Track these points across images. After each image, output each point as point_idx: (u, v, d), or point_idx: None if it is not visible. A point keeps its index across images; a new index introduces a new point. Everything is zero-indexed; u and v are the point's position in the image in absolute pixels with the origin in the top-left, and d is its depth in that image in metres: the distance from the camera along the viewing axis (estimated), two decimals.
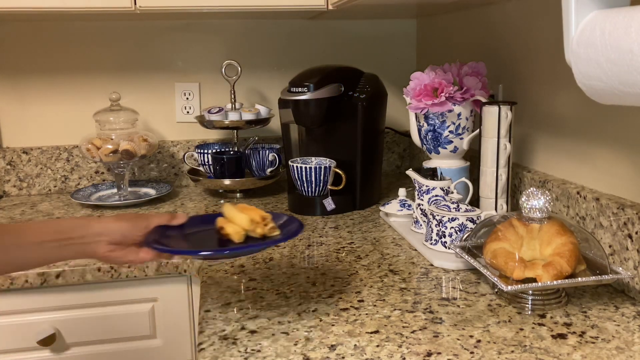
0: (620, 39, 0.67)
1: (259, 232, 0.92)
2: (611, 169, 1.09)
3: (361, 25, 2.03)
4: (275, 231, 0.93)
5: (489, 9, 1.54)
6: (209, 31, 1.95)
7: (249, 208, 0.94)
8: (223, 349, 0.86)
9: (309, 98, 1.52)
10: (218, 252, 0.89)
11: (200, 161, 1.80)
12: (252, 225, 0.91)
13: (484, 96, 1.36)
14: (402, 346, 0.86)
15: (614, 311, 0.96)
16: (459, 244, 1.11)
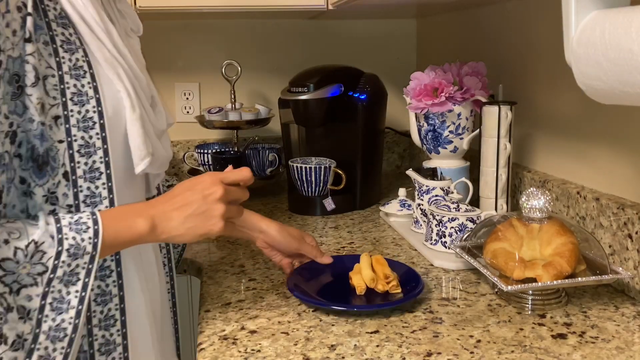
0: (620, 38, 0.67)
1: (380, 289, 1.01)
2: (611, 169, 1.09)
3: (361, 25, 2.03)
4: (397, 289, 1.01)
5: (489, 8, 1.54)
6: (209, 31, 1.95)
7: (380, 262, 1.06)
8: (223, 349, 0.86)
9: (309, 98, 1.52)
10: (349, 308, 0.97)
11: (200, 161, 1.80)
12: (373, 283, 1.02)
13: (484, 96, 1.36)
14: (402, 346, 0.86)
15: (614, 311, 0.96)
16: (459, 244, 1.11)
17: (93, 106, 0.78)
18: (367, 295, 1.02)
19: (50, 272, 0.71)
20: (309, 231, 1.42)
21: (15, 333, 0.68)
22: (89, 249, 0.73)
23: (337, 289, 1.05)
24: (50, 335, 0.71)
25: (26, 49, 0.72)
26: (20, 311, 0.69)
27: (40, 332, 0.70)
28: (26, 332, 0.69)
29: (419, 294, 0.99)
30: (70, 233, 0.73)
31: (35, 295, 0.70)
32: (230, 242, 1.36)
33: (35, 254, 0.70)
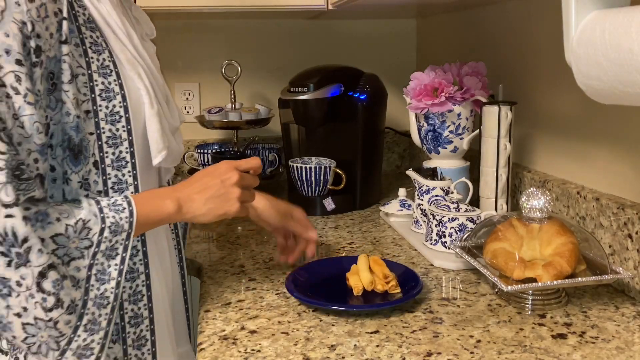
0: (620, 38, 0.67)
1: (379, 289, 1.02)
2: (611, 169, 1.09)
3: (361, 25, 2.03)
4: (396, 289, 1.01)
5: (490, 8, 1.54)
6: (209, 31, 1.95)
7: (379, 263, 1.06)
8: (223, 349, 0.86)
9: (309, 98, 1.52)
10: (348, 308, 0.98)
11: (200, 161, 1.80)
12: (371, 285, 1.02)
13: (484, 96, 1.36)
14: (402, 346, 0.86)
15: (614, 311, 0.96)
16: (459, 244, 1.11)
17: (119, 101, 0.86)
18: (366, 295, 1.02)
19: (95, 246, 0.80)
20: None
21: (70, 298, 0.77)
22: (126, 227, 0.82)
23: (337, 289, 1.05)
24: (96, 302, 0.80)
25: (62, 50, 0.80)
26: (72, 280, 0.77)
27: (88, 299, 0.79)
28: (77, 298, 0.78)
29: (418, 293, 0.99)
30: (110, 212, 0.82)
31: (83, 266, 0.79)
32: (230, 242, 1.36)
33: (82, 230, 0.79)
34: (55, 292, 0.75)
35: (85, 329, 0.79)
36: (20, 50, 0.75)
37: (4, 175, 0.72)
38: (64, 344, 0.77)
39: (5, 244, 0.72)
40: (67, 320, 0.77)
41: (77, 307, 0.78)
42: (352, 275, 1.05)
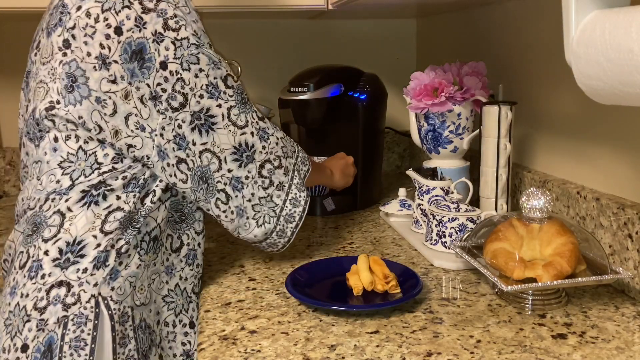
0: (621, 38, 0.67)
1: (379, 289, 1.02)
2: (611, 169, 1.09)
3: (361, 25, 2.03)
4: (396, 289, 1.02)
5: (489, 9, 1.54)
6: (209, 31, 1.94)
7: (378, 263, 1.07)
8: (223, 349, 0.86)
9: (309, 98, 1.52)
10: (348, 308, 0.98)
11: None
12: (371, 286, 1.03)
13: (484, 96, 1.36)
14: (402, 346, 0.86)
15: (614, 311, 0.96)
16: (459, 244, 1.11)
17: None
18: (366, 295, 1.02)
19: (296, 152, 1.14)
20: (308, 231, 1.42)
21: (278, 180, 1.07)
22: (306, 162, 1.16)
23: (336, 289, 1.05)
24: (298, 186, 1.11)
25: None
26: (286, 169, 1.09)
27: (292, 184, 1.10)
28: (285, 181, 1.09)
29: (418, 293, 0.99)
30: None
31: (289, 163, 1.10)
32: (230, 242, 1.36)
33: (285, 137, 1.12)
34: (269, 176, 1.05)
35: (290, 203, 1.08)
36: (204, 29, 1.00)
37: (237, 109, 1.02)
38: (278, 212, 1.07)
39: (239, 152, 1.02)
40: (278, 194, 1.07)
41: (284, 187, 1.08)
42: (352, 275, 1.05)
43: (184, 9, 0.96)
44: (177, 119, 0.95)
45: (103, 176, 0.95)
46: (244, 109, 1.02)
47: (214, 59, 0.98)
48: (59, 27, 0.94)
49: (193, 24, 0.96)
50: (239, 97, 1.01)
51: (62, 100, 0.92)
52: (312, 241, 1.35)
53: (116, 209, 0.95)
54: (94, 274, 0.93)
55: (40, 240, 0.94)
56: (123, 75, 0.91)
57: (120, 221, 0.95)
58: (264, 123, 1.05)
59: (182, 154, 0.97)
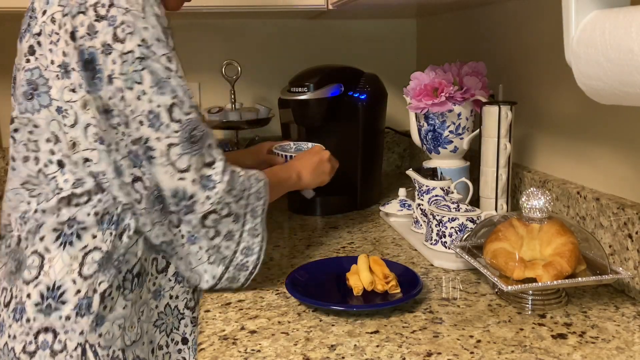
0: (621, 38, 0.67)
1: (379, 289, 1.02)
2: (611, 169, 1.09)
3: (361, 25, 2.03)
4: (396, 289, 1.02)
5: (489, 9, 1.54)
6: (209, 31, 1.95)
7: (378, 263, 1.07)
8: (223, 349, 0.86)
9: (309, 98, 1.52)
10: (348, 308, 0.98)
11: None
12: (371, 286, 1.02)
13: (484, 96, 1.36)
14: (402, 346, 0.86)
15: (614, 311, 0.96)
16: (459, 244, 1.11)
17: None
18: (366, 295, 1.02)
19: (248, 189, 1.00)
20: (308, 231, 1.42)
21: (226, 229, 0.97)
22: (262, 177, 1.03)
23: (337, 289, 1.05)
24: (250, 232, 1.00)
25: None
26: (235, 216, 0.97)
27: (244, 230, 0.99)
28: (235, 229, 0.98)
29: (417, 293, 0.99)
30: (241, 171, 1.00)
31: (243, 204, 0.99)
32: None
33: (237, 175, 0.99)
34: (214, 226, 0.95)
35: (241, 253, 0.99)
36: (163, 37, 0.90)
37: (179, 148, 0.90)
38: (227, 263, 0.99)
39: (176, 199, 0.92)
40: (227, 245, 0.97)
41: (234, 236, 0.98)
42: (352, 275, 1.05)
43: (136, 13, 0.88)
44: (131, 136, 0.90)
45: (71, 210, 0.91)
46: (189, 149, 0.90)
47: (160, 79, 0.89)
48: (27, 32, 0.93)
49: (143, 32, 0.88)
50: (185, 134, 0.90)
51: (17, 107, 0.92)
52: (312, 241, 1.35)
53: (93, 249, 0.92)
54: (78, 322, 0.91)
55: (21, 282, 0.92)
56: (81, 84, 0.88)
57: (98, 263, 0.92)
58: (212, 169, 0.93)
59: (137, 171, 0.91)
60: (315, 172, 1.22)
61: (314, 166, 1.22)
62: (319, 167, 1.23)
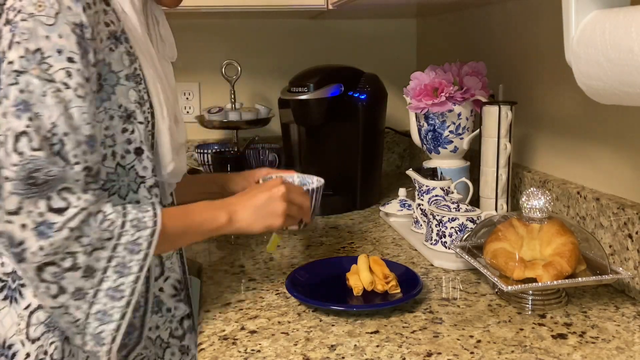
0: (621, 38, 0.67)
1: (379, 289, 1.01)
2: (611, 169, 1.09)
3: (361, 25, 2.03)
4: (396, 289, 1.01)
5: (489, 9, 1.54)
6: (209, 31, 1.95)
7: (378, 263, 1.06)
8: (223, 349, 0.86)
9: (309, 98, 1.52)
10: (348, 308, 0.98)
11: (200, 161, 1.80)
12: (371, 286, 1.02)
13: (484, 96, 1.36)
14: (402, 346, 0.86)
15: (614, 311, 0.96)
16: (459, 244, 1.11)
17: (147, 108, 0.90)
18: (366, 295, 1.02)
19: (115, 239, 0.81)
20: (308, 231, 1.42)
21: (74, 286, 0.79)
22: (150, 224, 0.83)
23: (337, 289, 1.05)
24: (109, 294, 0.80)
25: (112, 57, 0.87)
26: (87, 270, 0.79)
27: (100, 290, 0.80)
28: (87, 287, 0.79)
29: (417, 293, 0.99)
30: (132, 210, 0.83)
31: (103, 257, 0.80)
32: (230, 243, 1.36)
33: (103, 221, 0.80)
34: (55, 281, 0.78)
35: (95, 318, 0.80)
36: (75, 49, 0.79)
37: (11, 185, 0.76)
38: (82, 328, 0.80)
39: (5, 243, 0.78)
40: (76, 305, 0.79)
41: (86, 295, 0.79)
42: (352, 275, 1.05)
43: (41, 20, 0.78)
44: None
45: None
46: (23, 190, 0.76)
47: (26, 99, 0.77)
48: None
49: (41, 41, 0.78)
50: (22, 172, 0.76)
51: None
52: (312, 241, 1.35)
53: (37, 309, 0.84)
54: None
55: None
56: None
57: (45, 324, 0.84)
58: (61, 215, 0.77)
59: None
60: (259, 213, 0.96)
61: (257, 205, 0.96)
62: (265, 206, 0.96)
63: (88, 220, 0.78)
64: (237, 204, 0.95)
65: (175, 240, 0.89)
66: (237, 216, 0.94)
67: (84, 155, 0.80)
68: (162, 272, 0.95)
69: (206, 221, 0.92)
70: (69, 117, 0.79)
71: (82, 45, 0.80)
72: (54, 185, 0.77)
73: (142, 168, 0.90)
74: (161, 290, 0.96)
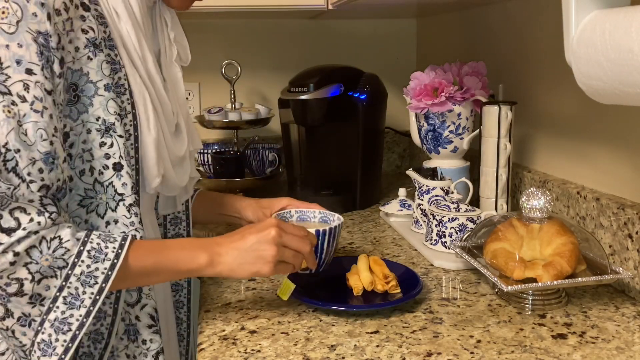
0: (621, 38, 0.67)
1: (379, 289, 1.01)
2: (611, 169, 1.09)
3: (361, 25, 2.03)
4: (396, 289, 1.01)
5: (489, 8, 1.54)
6: (209, 31, 1.95)
7: (378, 263, 1.05)
8: (223, 349, 0.86)
9: (309, 98, 1.52)
10: (348, 308, 0.97)
11: (200, 161, 1.80)
12: (371, 286, 1.01)
13: (484, 96, 1.36)
14: (402, 346, 0.86)
15: (614, 311, 0.96)
16: (459, 244, 1.11)
17: (130, 120, 0.86)
18: (366, 295, 1.01)
19: (68, 268, 0.76)
20: None
21: (21, 311, 0.75)
22: (111, 256, 0.78)
23: (337, 289, 1.05)
24: (54, 325, 0.75)
25: (89, 66, 0.82)
26: (35, 297, 0.75)
27: (46, 320, 0.75)
28: (34, 314, 0.75)
29: (417, 293, 0.99)
30: (96, 239, 0.79)
31: (53, 286, 0.76)
32: None
33: (58, 248, 0.76)
34: (2, 303, 0.74)
35: (39, 348, 0.75)
36: (35, 60, 0.75)
37: None
38: (28, 354, 0.76)
39: None
40: (22, 331, 0.76)
41: (33, 322, 0.75)
42: (352, 276, 1.05)
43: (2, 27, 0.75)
44: None
45: None
46: None
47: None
48: None
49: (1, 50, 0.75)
50: None
51: None
52: None
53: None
54: None
55: None
56: None
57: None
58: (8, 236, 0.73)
59: None
60: (245, 257, 0.87)
61: (244, 248, 0.87)
62: (253, 250, 0.87)
63: (40, 246, 0.74)
64: (222, 245, 0.87)
65: (141, 277, 0.83)
66: (219, 259, 0.86)
67: (39, 173, 0.75)
68: (139, 298, 0.88)
69: (181, 261, 0.85)
70: (22, 132, 0.74)
71: (45, 54, 0.76)
72: (5, 203, 0.74)
73: (121, 185, 0.84)
74: (137, 318, 0.88)
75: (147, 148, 0.88)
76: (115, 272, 0.78)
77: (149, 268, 0.83)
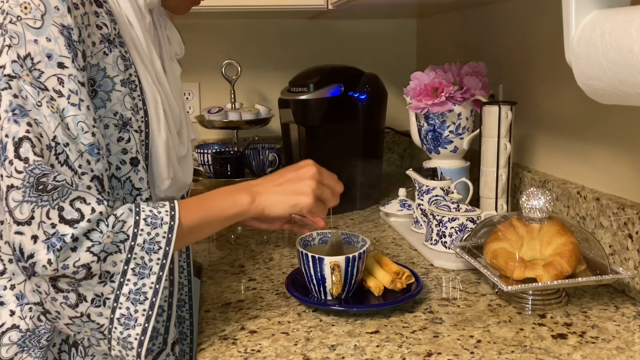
0: (621, 38, 0.67)
1: (398, 287, 1.00)
2: (611, 169, 1.09)
3: (361, 25, 2.03)
4: (410, 279, 1.01)
5: (489, 8, 1.54)
6: (209, 31, 1.95)
7: (386, 262, 1.04)
8: (223, 349, 0.86)
9: (309, 98, 1.52)
10: (348, 308, 0.96)
11: (200, 161, 1.80)
12: (392, 284, 1.00)
13: (484, 96, 1.36)
14: (402, 346, 0.86)
15: (614, 311, 0.96)
16: (459, 244, 1.11)
17: (141, 116, 0.87)
18: (366, 295, 1.01)
19: (131, 239, 0.76)
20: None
21: (93, 293, 0.75)
22: (167, 219, 0.79)
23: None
24: (130, 297, 0.76)
25: (106, 61, 0.83)
26: (104, 275, 0.75)
27: (121, 294, 0.76)
28: (106, 292, 0.75)
29: (417, 293, 0.99)
30: (147, 207, 0.79)
31: (119, 261, 0.76)
32: (230, 242, 1.36)
33: (115, 223, 0.75)
34: (72, 289, 0.74)
35: (119, 323, 0.76)
36: (65, 53, 0.76)
37: (20, 193, 0.72)
38: (107, 333, 0.77)
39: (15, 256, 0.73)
40: (98, 312, 0.76)
41: (107, 300, 0.75)
42: (368, 276, 1.02)
43: (28, 23, 0.75)
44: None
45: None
46: (34, 198, 0.72)
47: (21, 105, 0.74)
48: None
49: (29, 45, 0.75)
50: (32, 179, 0.72)
51: None
52: None
53: (10, 329, 0.82)
54: None
55: None
56: None
57: (18, 344, 0.82)
58: (73, 227, 0.72)
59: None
60: (286, 190, 0.90)
61: (283, 183, 0.90)
62: (292, 184, 0.90)
63: (99, 227, 0.74)
64: (261, 184, 0.90)
65: (195, 232, 0.84)
66: (260, 197, 0.88)
67: (88, 165, 0.76)
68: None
69: (226, 207, 0.87)
70: (65, 127, 0.75)
71: (72, 47, 0.76)
72: (65, 194, 0.73)
73: (139, 180, 0.86)
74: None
75: (158, 149, 0.89)
76: (175, 233, 0.79)
77: (199, 222, 0.84)
